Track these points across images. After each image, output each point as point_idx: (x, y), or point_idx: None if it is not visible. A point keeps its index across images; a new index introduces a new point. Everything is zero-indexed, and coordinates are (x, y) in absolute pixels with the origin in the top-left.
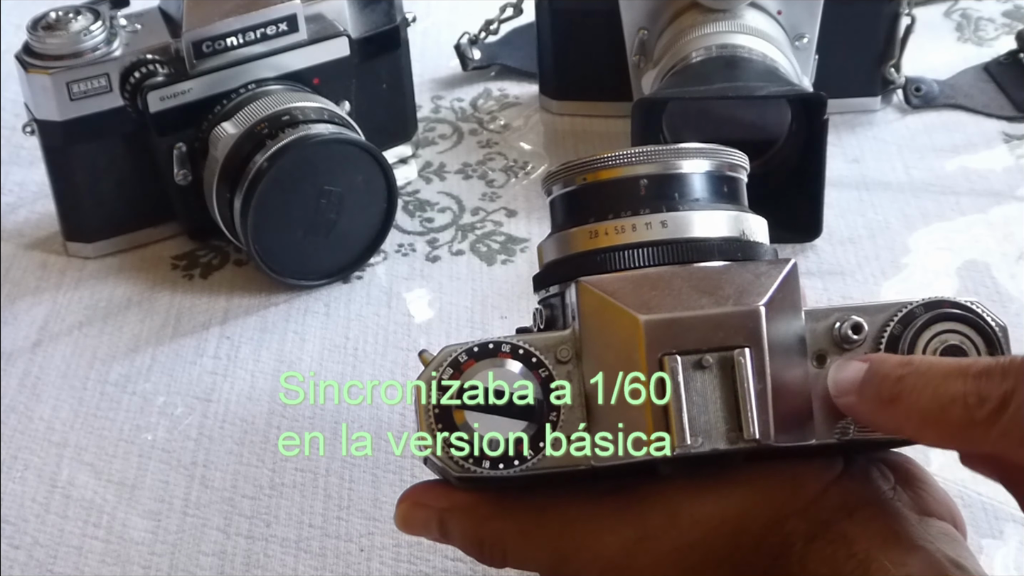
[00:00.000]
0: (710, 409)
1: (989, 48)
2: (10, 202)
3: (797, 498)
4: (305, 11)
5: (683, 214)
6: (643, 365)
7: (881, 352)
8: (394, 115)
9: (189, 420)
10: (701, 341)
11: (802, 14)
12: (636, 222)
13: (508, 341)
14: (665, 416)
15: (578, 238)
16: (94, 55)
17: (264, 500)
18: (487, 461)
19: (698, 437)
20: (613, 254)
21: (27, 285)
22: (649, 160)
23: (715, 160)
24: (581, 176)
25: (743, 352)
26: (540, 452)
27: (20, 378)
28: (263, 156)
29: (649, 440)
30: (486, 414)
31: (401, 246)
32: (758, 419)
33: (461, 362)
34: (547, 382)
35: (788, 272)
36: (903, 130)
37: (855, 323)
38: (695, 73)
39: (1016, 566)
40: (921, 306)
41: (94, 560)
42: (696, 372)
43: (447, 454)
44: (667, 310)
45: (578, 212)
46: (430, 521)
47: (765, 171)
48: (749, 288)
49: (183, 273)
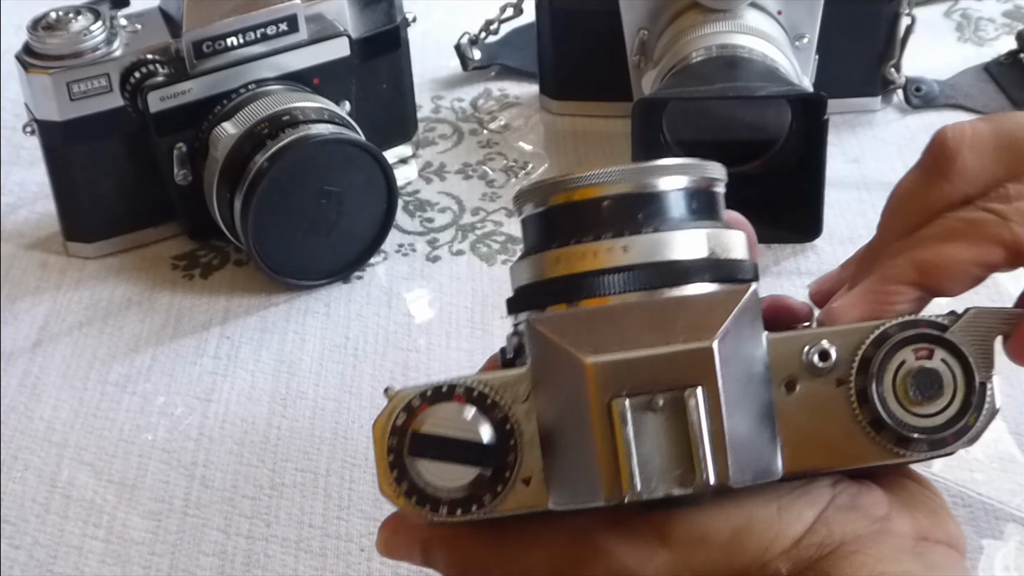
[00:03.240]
0: (662, 452)
1: (989, 48)
2: (10, 202)
3: (781, 538)
4: (305, 11)
5: (646, 237)
6: (593, 409)
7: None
8: (394, 115)
9: (189, 420)
10: (651, 382)
11: (802, 14)
12: (597, 248)
13: (463, 383)
14: (615, 462)
15: (543, 263)
16: (94, 55)
17: (264, 500)
18: (444, 507)
19: (651, 482)
20: (573, 282)
21: (27, 285)
22: (611, 180)
23: (684, 176)
24: (547, 197)
25: (694, 391)
26: (499, 495)
27: (20, 378)
28: (263, 156)
29: (603, 487)
30: (438, 461)
31: (401, 246)
32: (712, 461)
33: (415, 407)
34: (503, 424)
35: (745, 301)
36: (903, 130)
37: (822, 350)
38: (695, 73)
39: (1016, 566)
40: (896, 326)
41: (94, 560)
42: (647, 414)
43: (404, 501)
44: (616, 350)
45: (543, 235)
46: (412, 548)
47: (765, 171)
48: (701, 322)
49: (183, 273)
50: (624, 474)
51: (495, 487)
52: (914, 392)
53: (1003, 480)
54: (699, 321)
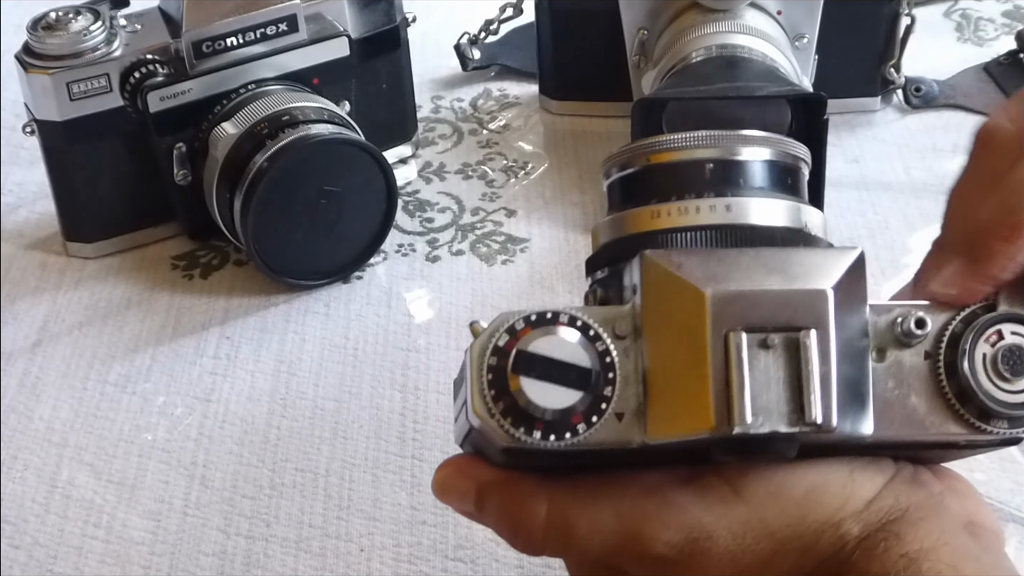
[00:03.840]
0: (772, 389)
1: (989, 48)
2: (10, 202)
3: (853, 500)
4: (305, 11)
5: (747, 199)
6: (706, 340)
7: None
8: (394, 115)
9: (189, 420)
10: (767, 319)
11: (802, 14)
12: (700, 204)
13: (566, 311)
14: (727, 394)
15: (639, 218)
16: (94, 55)
17: (264, 500)
18: (538, 431)
19: (759, 417)
20: (676, 234)
21: (27, 285)
22: (715, 144)
23: (779, 150)
24: (644, 157)
25: (809, 333)
26: (593, 426)
27: (20, 378)
28: (263, 156)
29: (710, 417)
30: (541, 381)
31: (401, 246)
32: (821, 402)
33: (518, 329)
34: (604, 355)
35: (856, 259)
36: (903, 130)
37: (919, 318)
38: (695, 73)
39: (1016, 566)
40: (983, 307)
41: (94, 560)
42: (760, 351)
43: (498, 421)
44: (734, 284)
45: (639, 193)
46: (468, 492)
47: None
48: (817, 270)
49: (183, 273)
50: (736, 406)
51: (591, 417)
52: (1005, 367)
53: (1003, 480)
54: (814, 269)
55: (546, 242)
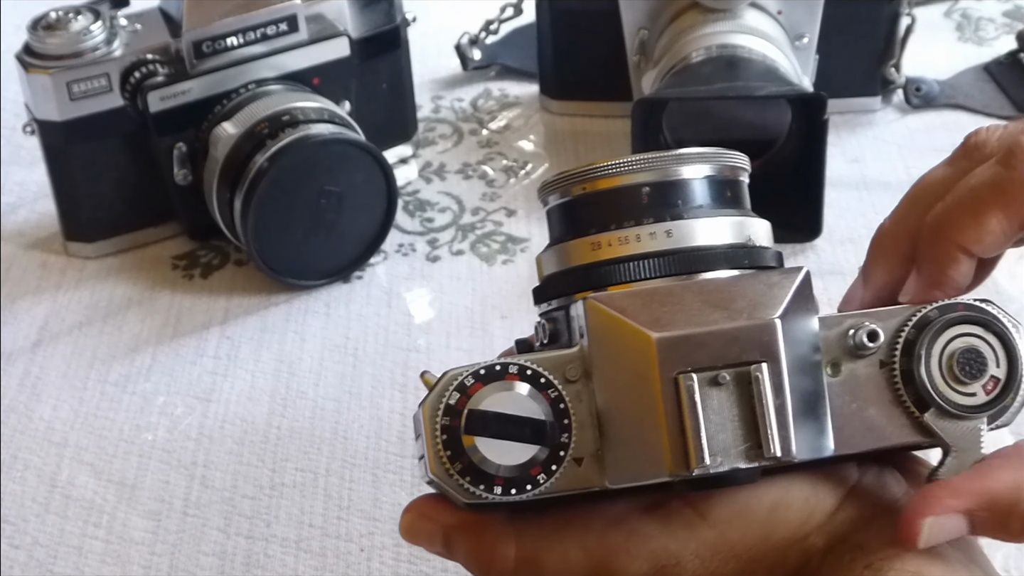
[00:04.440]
0: (728, 427)
1: (989, 48)
2: (10, 202)
3: (816, 513)
4: (305, 11)
5: (687, 222)
6: (657, 384)
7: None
8: (394, 115)
9: (189, 420)
10: (716, 357)
11: (802, 14)
12: (640, 232)
13: (515, 363)
14: (682, 436)
15: (579, 250)
16: (94, 55)
17: (264, 500)
18: (498, 487)
19: (717, 456)
20: (617, 266)
21: (27, 285)
22: (650, 167)
23: (716, 164)
24: (579, 186)
25: (760, 367)
26: (553, 475)
27: (20, 378)
28: (263, 156)
29: (667, 461)
30: (496, 440)
31: (401, 246)
32: (778, 435)
33: (468, 385)
34: (557, 403)
35: (801, 281)
36: (903, 130)
37: (871, 331)
38: (695, 73)
39: (1016, 566)
40: (936, 309)
41: (94, 560)
42: (712, 389)
43: (456, 480)
44: (680, 327)
45: (578, 223)
46: (435, 535)
47: (765, 171)
48: (762, 300)
49: (183, 273)
50: (692, 448)
51: (550, 466)
52: (960, 371)
53: None
54: (760, 299)
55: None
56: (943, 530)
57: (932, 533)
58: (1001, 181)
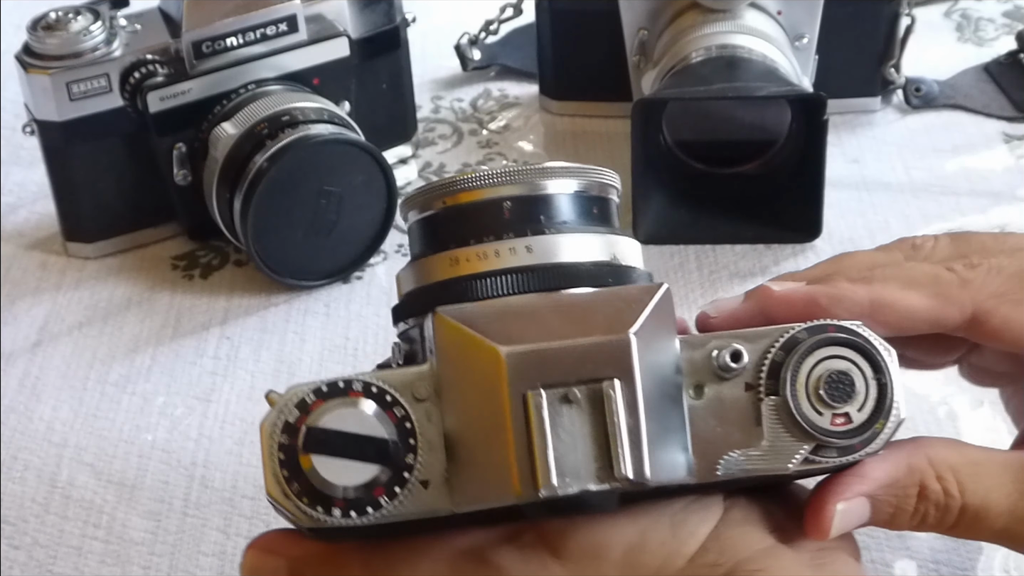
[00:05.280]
0: (579, 447)
1: (989, 48)
2: (10, 202)
3: (674, 558)
4: (305, 11)
5: (550, 238)
6: (505, 401)
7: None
8: (394, 115)
9: (189, 420)
10: (568, 374)
11: (802, 14)
12: (499, 247)
13: (360, 379)
14: (530, 456)
15: (437, 266)
16: (94, 55)
17: (264, 500)
18: (337, 509)
19: (565, 478)
20: (475, 282)
21: (27, 285)
22: (512, 181)
23: (583, 180)
24: (440, 199)
25: (612, 384)
26: (396, 498)
27: (20, 378)
28: (263, 156)
29: (514, 483)
30: (335, 458)
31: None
32: (630, 456)
33: (308, 403)
34: (403, 422)
35: (660, 298)
36: (903, 130)
37: (734, 351)
38: (695, 73)
39: (1016, 566)
40: (804, 330)
41: (94, 560)
42: (563, 407)
43: (294, 502)
44: (531, 341)
45: (437, 238)
46: (279, 572)
47: (765, 171)
48: (618, 316)
49: (183, 273)
50: (540, 469)
51: (393, 488)
52: (827, 395)
53: None
54: (615, 315)
55: None
56: (851, 517)
57: (842, 520)
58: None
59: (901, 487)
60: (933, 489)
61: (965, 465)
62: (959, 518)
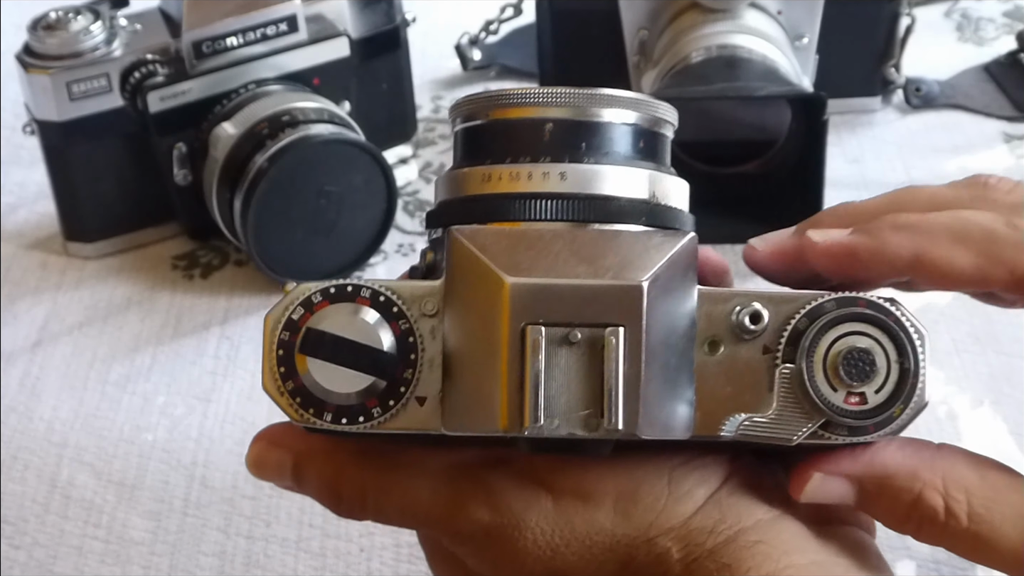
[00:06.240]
0: (572, 389)
1: (989, 48)
2: (10, 202)
3: (668, 515)
4: (305, 11)
5: (587, 167)
6: (504, 332)
7: (781, 347)
8: (394, 115)
9: (189, 420)
10: (571, 314)
11: (802, 14)
12: (533, 170)
13: (370, 286)
14: (520, 391)
15: (471, 179)
16: (94, 55)
17: (264, 500)
18: (328, 413)
19: (554, 419)
20: (503, 202)
21: (27, 285)
22: (560, 103)
23: (634, 111)
24: (487, 111)
25: (616, 331)
26: (390, 410)
27: (20, 378)
28: (263, 156)
29: (502, 415)
30: (330, 363)
31: (401, 246)
32: (624, 407)
33: (314, 302)
34: (406, 336)
35: (683, 246)
36: (903, 130)
37: (753, 312)
38: (695, 73)
39: None
40: (833, 300)
41: (94, 560)
42: (562, 347)
43: (287, 400)
44: (539, 275)
45: (477, 150)
46: (284, 464)
47: (765, 171)
48: (635, 260)
49: (183, 273)
50: (528, 405)
51: (387, 401)
52: (845, 372)
53: None
54: (632, 259)
55: None
56: (830, 490)
57: (819, 489)
58: (996, 231)
59: (894, 488)
60: (930, 504)
61: (982, 489)
62: (960, 540)
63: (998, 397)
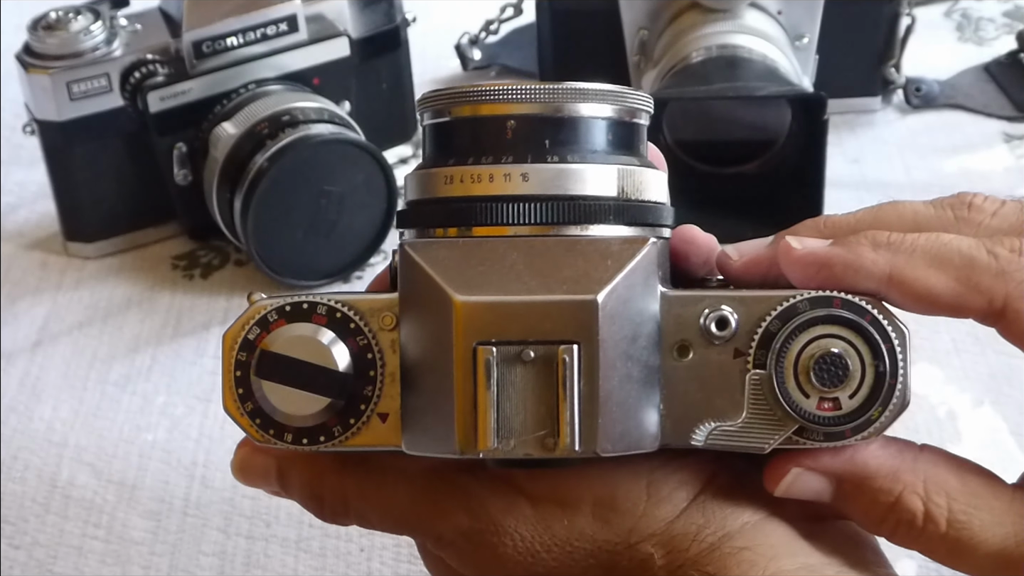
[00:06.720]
0: (527, 409)
1: (989, 48)
2: (10, 202)
3: (648, 520)
4: (305, 11)
5: (550, 167)
6: (457, 352)
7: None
8: (394, 115)
9: (189, 420)
10: (524, 331)
11: (802, 14)
12: (495, 172)
13: (325, 302)
14: (474, 412)
15: (435, 181)
16: (94, 55)
17: (264, 500)
18: (289, 435)
19: (510, 440)
20: (462, 206)
21: (27, 285)
22: (523, 99)
23: (602, 103)
24: (450, 107)
25: (570, 349)
26: (351, 429)
27: (20, 378)
28: (263, 156)
29: (456, 439)
30: (285, 386)
31: None
32: (580, 426)
33: (270, 321)
34: (364, 352)
35: (643, 255)
36: (903, 130)
37: (720, 317)
38: (695, 73)
39: None
40: (807, 300)
41: (94, 560)
42: (515, 366)
43: (247, 421)
44: (490, 292)
45: (440, 150)
46: (269, 470)
47: (765, 171)
48: (591, 272)
49: (183, 273)
50: (482, 428)
51: (348, 419)
52: (816, 377)
53: None
54: (588, 271)
55: None
56: (806, 486)
57: (795, 484)
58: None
59: (874, 488)
60: (909, 508)
61: (963, 495)
62: (936, 545)
63: (998, 397)
